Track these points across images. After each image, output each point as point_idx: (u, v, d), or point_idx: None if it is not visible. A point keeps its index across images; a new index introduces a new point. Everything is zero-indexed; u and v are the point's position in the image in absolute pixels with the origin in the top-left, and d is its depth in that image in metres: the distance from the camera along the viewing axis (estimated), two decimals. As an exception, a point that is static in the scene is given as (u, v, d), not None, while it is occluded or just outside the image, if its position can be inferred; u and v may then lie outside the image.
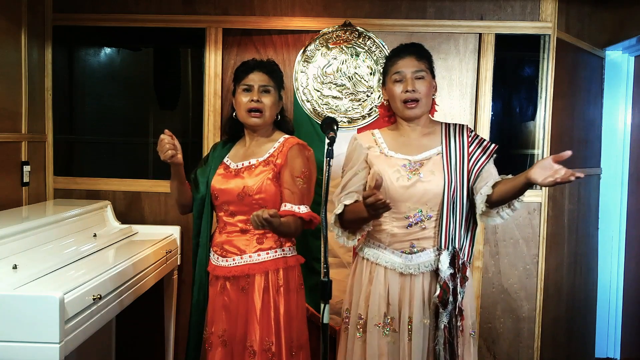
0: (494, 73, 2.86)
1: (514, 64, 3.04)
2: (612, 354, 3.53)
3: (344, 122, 2.87)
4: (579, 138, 3.28)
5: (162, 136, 1.89)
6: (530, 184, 1.64)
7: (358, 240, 1.99)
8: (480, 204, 1.83)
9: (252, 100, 1.99)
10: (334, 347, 2.18)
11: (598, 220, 3.48)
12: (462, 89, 2.91)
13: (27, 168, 2.80)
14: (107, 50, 3.08)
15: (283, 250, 2.00)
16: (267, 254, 1.98)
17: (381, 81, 2.05)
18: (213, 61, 2.91)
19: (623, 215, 3.49)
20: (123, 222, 2.83)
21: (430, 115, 2.01)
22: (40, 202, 2.89)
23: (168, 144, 1.87)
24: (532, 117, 2.97)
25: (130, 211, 3.01)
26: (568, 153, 1.58)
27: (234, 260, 1.98)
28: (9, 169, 2.69)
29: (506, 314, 2.97)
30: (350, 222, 1.87)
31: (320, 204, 2.06)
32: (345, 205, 1.87)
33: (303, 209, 1.93)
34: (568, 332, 3.26)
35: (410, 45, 2.00)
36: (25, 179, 2.79)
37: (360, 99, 2.87)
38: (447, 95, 2.92)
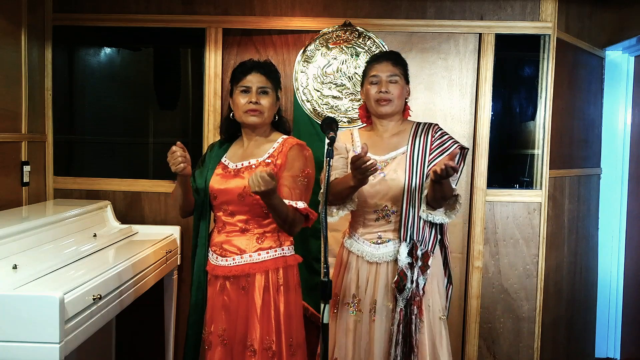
0: (494, 73, 2.86)
1: (514, 64, 3.04)
2: (612, 354, 3.53)
3: (344, 122, 2.87)
4: (579, 138, 3.28)
5: (173, 148, 1.90)
6: (436, 181, 1.86)
7: (348, 229, 2.21)
8: (421, 203, 2.03)
9: (251, 102, 1.99)
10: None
11: (598, 220, 3.48)
12: (462, 89, 2.91)
13: (27, 168, 2.80)
14: (107, 50, 3.08)
15: (282, 250, 2.01)
16: (267, 253, 1.98)
17: (360, 83, 2.24)
18: (213, 61, 2.91)
19: (623, 215, 3.49)
20: (123, 222, 2.84)
21: (403, 117, 2.19)
22: (40, 202, 2.89)
23: (180, 157, 1.89)
24: (532, 117, 2.97)
25: (130, 211, 3.02)
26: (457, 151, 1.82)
27: (234, 260, 1.98)
28: (9, 169, 2.69)
29: (506, 314, 2.97)
30: (336, 194, 2.01)
31: (317, 203, 2.07)
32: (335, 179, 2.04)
33: (300, 205, 1.93)
34: (568, 332, 3.26)
35: (389, 52, 2.27)
36: (25, 179, 2.79)
37: (360, 99, 2.87)
38: (447, 95, 2.92)
